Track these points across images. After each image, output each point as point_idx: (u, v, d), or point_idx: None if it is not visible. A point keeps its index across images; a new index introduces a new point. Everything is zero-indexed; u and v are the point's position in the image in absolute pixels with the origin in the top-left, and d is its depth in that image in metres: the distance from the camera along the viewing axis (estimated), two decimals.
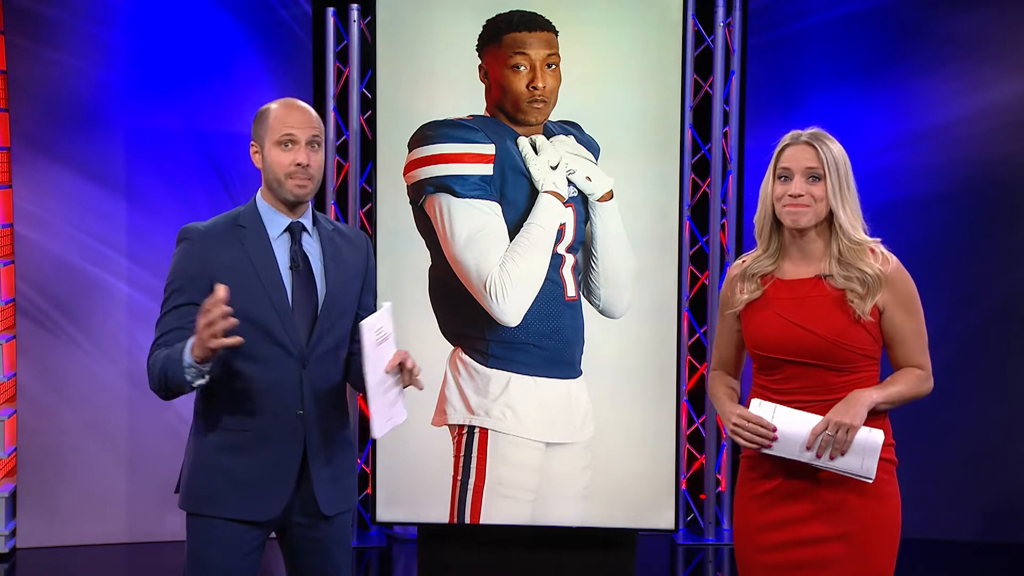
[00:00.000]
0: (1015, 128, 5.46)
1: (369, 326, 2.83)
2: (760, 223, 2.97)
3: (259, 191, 3.02)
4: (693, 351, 5.48)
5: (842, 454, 2.80)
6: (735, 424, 2.88)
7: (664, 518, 4.53)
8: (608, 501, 4.45)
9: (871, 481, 2.82)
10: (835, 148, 2.92)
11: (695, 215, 5.48)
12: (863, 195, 3.00)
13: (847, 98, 5.49)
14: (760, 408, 2.86)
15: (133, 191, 5.37)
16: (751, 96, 5.46)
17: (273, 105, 2.99)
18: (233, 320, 2.71)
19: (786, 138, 2.96)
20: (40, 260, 5.34)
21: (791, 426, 2.82)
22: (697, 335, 5.50)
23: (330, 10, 5.35)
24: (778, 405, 2.86)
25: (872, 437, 2.81)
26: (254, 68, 5.41)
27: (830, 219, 2.91)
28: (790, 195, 2.88)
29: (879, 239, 2.95)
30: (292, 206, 2.98)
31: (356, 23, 5.33)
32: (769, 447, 2.84)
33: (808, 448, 2.80)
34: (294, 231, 2.98)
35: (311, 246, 3.02)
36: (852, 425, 2.80)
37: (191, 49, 5.35)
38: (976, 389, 5.55)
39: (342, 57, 5.39)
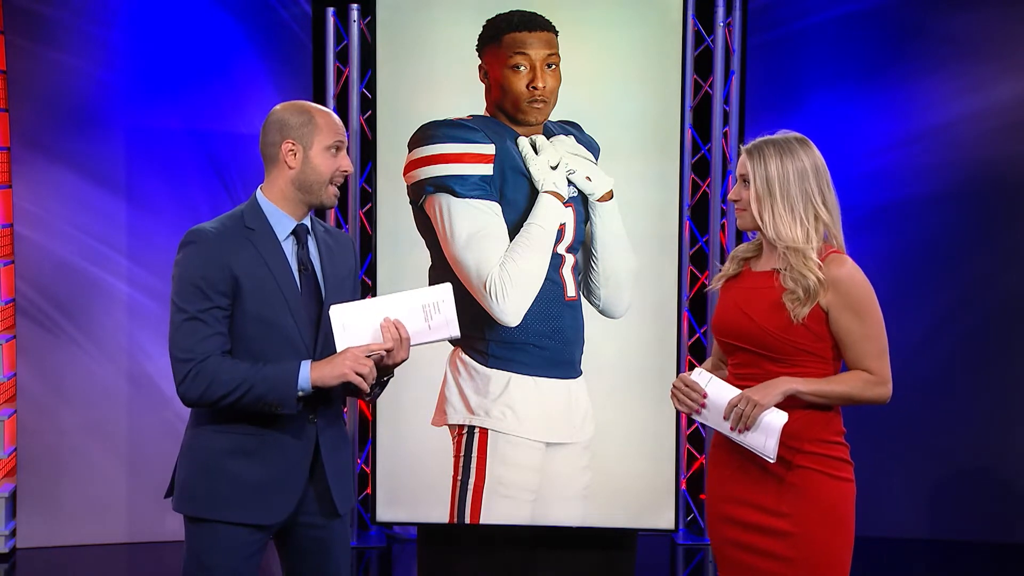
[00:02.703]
0: (1015, 128, 5.46)
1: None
2: None
3: (261, 190, 3.00)
4: (693, 351, 5.48)
5: (748, 428, 2.90)
6: (674, 386, 3.02)
7: (664, 518, 4.53)
8: (608, 501, 4.45)
9: (771, 461, 2.91)
10: (771, 154, 2.98)
11: (695, 215, 5.48)
12: (862, 195, 3.03)
13: (847, 98, 5.50)
14: (699, 376, 2.99)
15: (133, 191, 5.37)
16: (751, 96, 5.46)
17: (314, 108, 2.98)
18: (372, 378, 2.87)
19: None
20: (40, 260, 5.34)
21: (718, 396, 2.95)
22: (697, 335, 5.50)
23: (330, 10, 5.34)
24: (714, 376, 2.99)
25: (774, 419, 2.90)
26: (254, 68, 5.40)
27: None
28: (730, 199, 3.10)
29: (838, 249, 2.99)
30: (307, 209, 2.99)
31: (356, 23, 5.33)
32: (699, 412, 2.98)
33: (726, 418, 2.93)
34: (299, 234, 2.99)
35: (311, 249, 3.02)
36: (759, 403, 2.90)
37: (191, 49, 5.35)
38: (976, 389, 5.55)
39: (342, 57, 5.39)
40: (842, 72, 5.50)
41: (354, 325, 2.87)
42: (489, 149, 4.19)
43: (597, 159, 4.32)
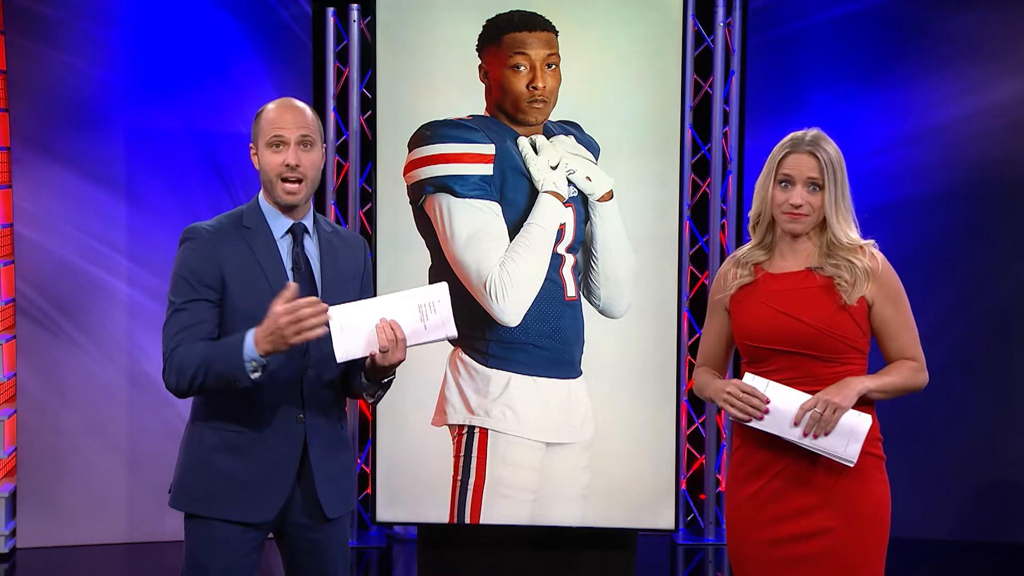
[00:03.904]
0: (1015, 128, 5.46)
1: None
2: (755, 219, 3.04)
3: (261, 191, 3.02)
4: (693, 351, 5.47)
5: (826, 434, 2.82)
6: (728, 393, 2.90)
7: (664, 518, 4.53)
8: (608, 501, 4.45)
9: (852, 465, 2.85)
10: (833, 154, 2.97)
11: (695, 215, 5.48)
12: (862, 195, 3.03)
13: (847, 98, 5.50)
14: (754, 381, 2.89)
15: (133, 191, 5.37)
16: (751, 96, 5.46)
17: (269, 105, 2.99)
18: (325, 316, 2.78)
19: (787, 142, 2.99)
20: (40, 260, 5.34)
21: (782, 401, 2.85)
22: (697, 335, 5.50)
23: (330, 10, 5.35)
24: (771, 380, 2.89)
25: (859, 422, 2.83)
26: (254, 68, 5.41)
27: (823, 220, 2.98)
28: (792, 204, 2.94)
29: (873, 240, 3.01)
30: (286, 209, 2.98)
31: (356, 23, 5.33)
32: (760, 418, 2.86)
33: (796, 424, 2.83)
34: (296, 232, 2.99)
35: (311, 248, 3.02)
36: (840, 405, 2.82)
37: (191, 49, 5.35)
38: (975, 389, 5.55)
39: (342, 57, 5.39)
40: (842, 72, 5.50)
41: (351, 326, 2.86)
42: (489, 149, 4.19)
43: (597, 159, 4.32)
